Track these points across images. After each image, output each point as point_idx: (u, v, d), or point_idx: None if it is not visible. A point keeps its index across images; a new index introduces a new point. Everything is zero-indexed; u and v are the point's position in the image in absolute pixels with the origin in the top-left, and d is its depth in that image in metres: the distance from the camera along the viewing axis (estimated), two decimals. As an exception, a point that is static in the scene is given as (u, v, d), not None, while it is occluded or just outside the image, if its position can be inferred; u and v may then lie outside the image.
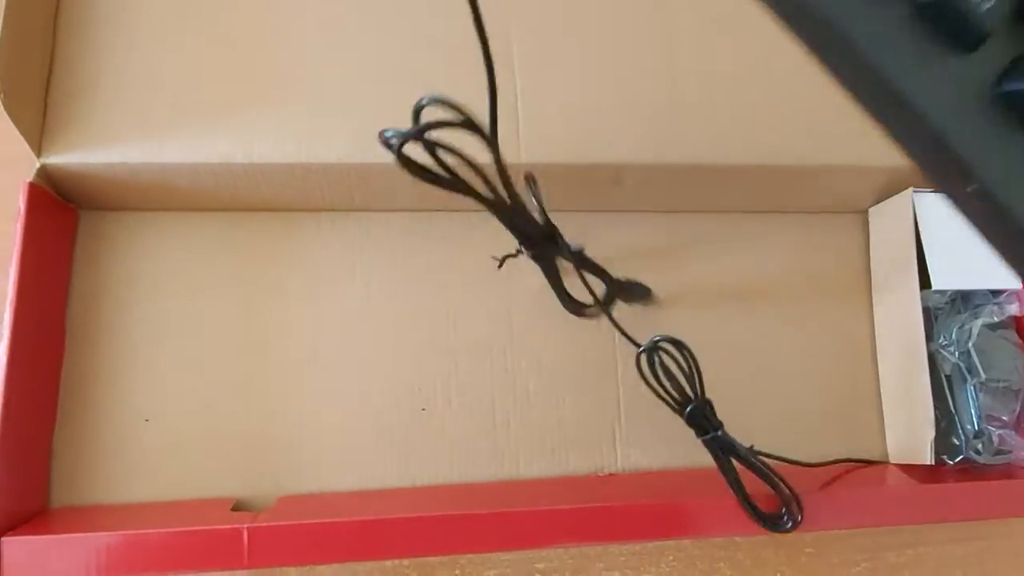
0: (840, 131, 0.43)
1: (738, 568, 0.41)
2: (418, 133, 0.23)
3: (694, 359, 0.34)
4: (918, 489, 0.38)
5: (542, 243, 0.32)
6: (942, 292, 0.42)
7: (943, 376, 0.41)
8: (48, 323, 0.38)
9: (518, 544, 0.35)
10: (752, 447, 0.36)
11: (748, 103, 0.42)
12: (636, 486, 0.40)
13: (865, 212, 0.47)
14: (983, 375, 0.41)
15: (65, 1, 0.39)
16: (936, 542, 0.43)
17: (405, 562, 0.39)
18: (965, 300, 0.43)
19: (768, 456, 0.36)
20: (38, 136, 0.36)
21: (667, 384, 0.35)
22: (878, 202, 0.46)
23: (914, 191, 0.42)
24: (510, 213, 0.29)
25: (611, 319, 0.35)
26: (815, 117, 0.43)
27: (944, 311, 0.42)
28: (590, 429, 0.41)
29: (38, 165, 0.36)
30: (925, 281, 0.41)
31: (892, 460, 0.42)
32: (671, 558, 0.41)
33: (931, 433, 0.39)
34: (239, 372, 0.40)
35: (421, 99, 0.23)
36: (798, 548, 0.42)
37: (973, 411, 0.40)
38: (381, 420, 0.40)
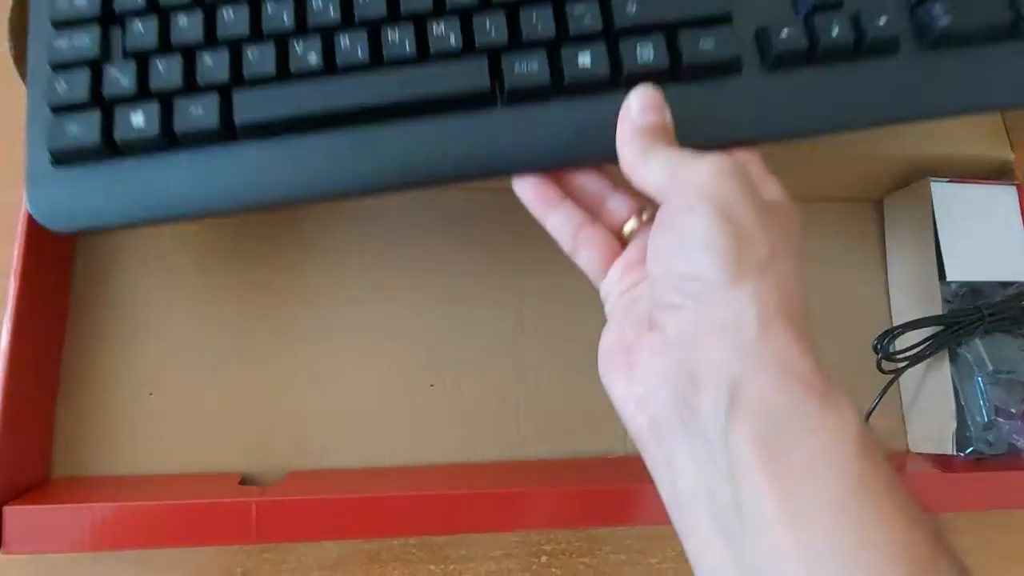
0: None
1: (743, 553, 0.41)
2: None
3: None
4: (934, 478, 0.38)
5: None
6: (950, 283, 0.42)
7: (951, 367, 0.41)
8: (52, 293, 0.38)
9: (526, 524, 0.35)
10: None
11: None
12: (645, 468, 0.39)
13: (880, 201, 0.47)
14: (990, 366, 0.40)
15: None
16: (940, 532, 0.43)
17: (412, 540, 0.38)
18: (974, 292, 0.43)
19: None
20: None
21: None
22: (892, 191, 0.46)
23: (932, 180, 0.42)
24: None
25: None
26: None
27: (954, 303, 0.42)
28: (599, 411, 0.41)
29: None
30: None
31: (913, 450, 0.43)
32: (678, 542, 0.40)
33: (953, 424, 0.39)
34: (246, 346, 0.40)
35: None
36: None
37: (982, 403, 0.40)
38: (389, 397, 0.40)
